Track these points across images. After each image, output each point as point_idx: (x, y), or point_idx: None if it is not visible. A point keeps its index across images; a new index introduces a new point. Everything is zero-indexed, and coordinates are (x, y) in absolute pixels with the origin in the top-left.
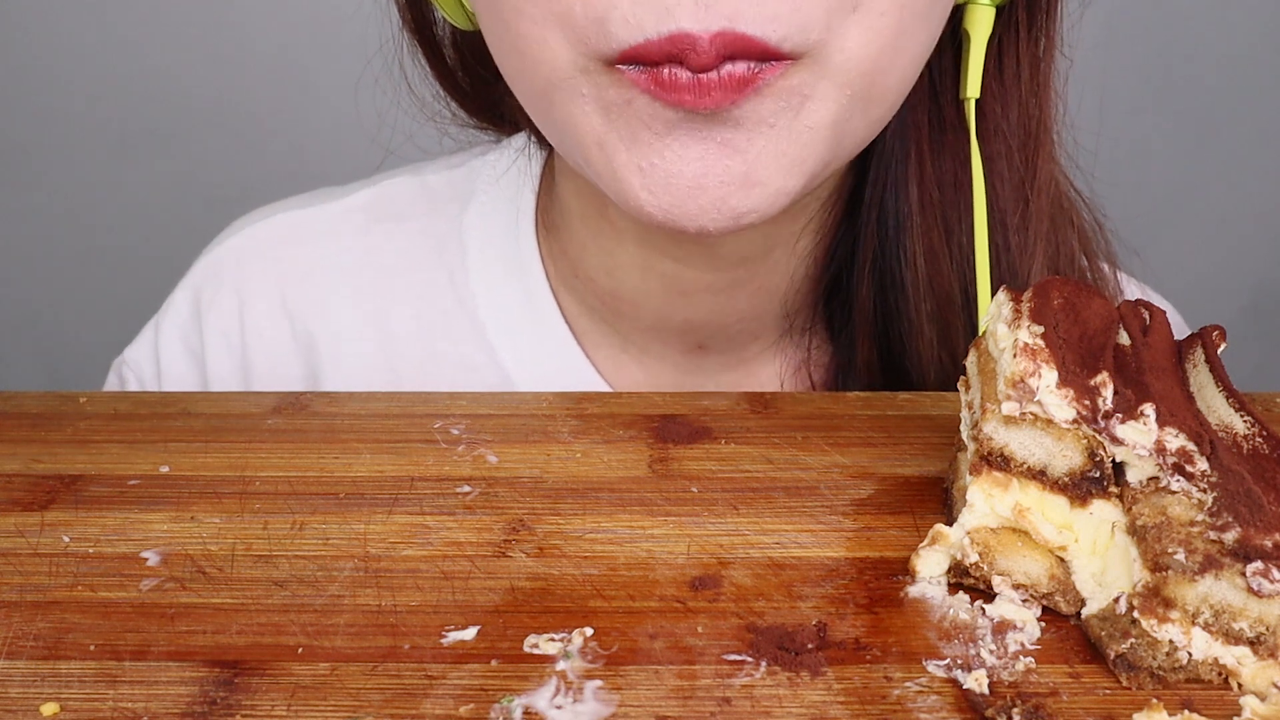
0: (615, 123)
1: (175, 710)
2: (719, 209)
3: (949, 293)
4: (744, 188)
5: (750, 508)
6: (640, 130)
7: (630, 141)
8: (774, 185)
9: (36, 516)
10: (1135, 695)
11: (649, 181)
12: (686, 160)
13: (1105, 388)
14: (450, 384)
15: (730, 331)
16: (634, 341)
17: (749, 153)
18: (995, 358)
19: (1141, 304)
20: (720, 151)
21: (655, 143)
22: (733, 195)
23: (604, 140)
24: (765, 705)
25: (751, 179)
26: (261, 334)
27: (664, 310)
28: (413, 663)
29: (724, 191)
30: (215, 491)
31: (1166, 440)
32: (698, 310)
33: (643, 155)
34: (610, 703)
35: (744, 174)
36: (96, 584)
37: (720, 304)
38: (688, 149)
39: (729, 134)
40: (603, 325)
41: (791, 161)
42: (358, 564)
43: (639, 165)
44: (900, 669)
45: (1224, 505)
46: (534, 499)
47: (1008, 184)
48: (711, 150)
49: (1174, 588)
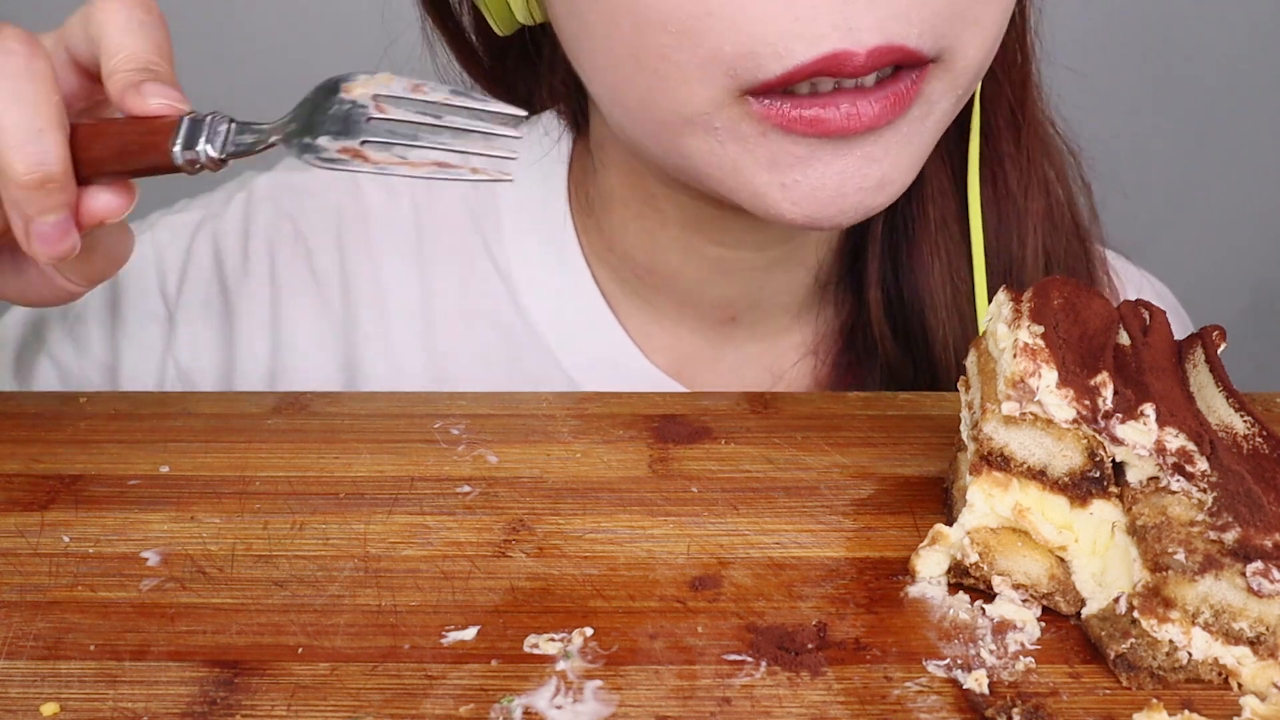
0: (753, 151)
1: (175, 710)
2: (856, 209)
3: (956, 236)
4: (879, 189)
5: (750, 508)
6: (780, 155)
7: (770, 166)
8: (900, 182)
9: (36, 516)
10: (1135, 695)
11: (792, 195)
12: (829, 176)
13: (1105, 388)
14: (482, 343)
15: (763, 306)
16: (666, 313)
17: (885, 161)
18: (995, 358)
19: (1141, 304)
20: (860, 163)
21: (797, 165)
22: (869, 197)
23: (739, 166)
24: (765, 705)
25: (886, 181)
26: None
27: (700, 287)
28: (413, 663)
29: (862, 196)
30: (215, 491)
31: (1166, 440)
32: (734, 286)
33: (784, 174)
34: (610, 703)
35: (880, 179)
36: (96, 584)
37: (757, 280)
38: (830, 166)
39: (870, 148)
40: (635, 298)
41: (915, 161)
42: (358, 564)
43: (781, 183)
44: (900, 669)
45: (1224, 505)
46: (534, 499)
47: (1001, 119)
48: (853, 164)
49: (1174, 588)
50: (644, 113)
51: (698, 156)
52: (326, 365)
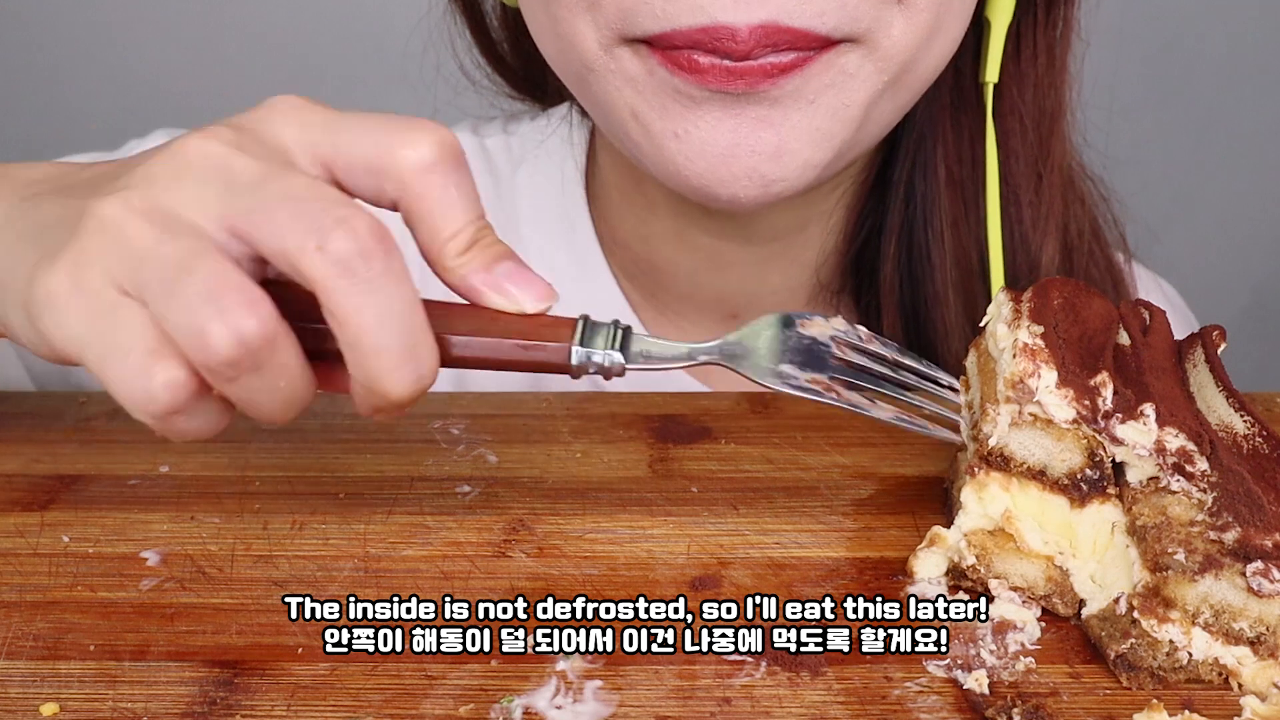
0: (643, 93)
1: (175, 710)
2: (750, 177)
3: (971, 264)
4: (775, 158)
5: (750, 508)
6: (669, 102)
7: (661, 111)
8: (803, 156)
9: (36, 516)
10: (1135, 695)
11: (684, 147)
12: (720, 131)
13: (1105, 388)
14: None
15: (764, 303)
16: (670, 307)
17: (783, 127)
18: (995, 358)
19: (1141, 304)
20: (754, 126)
21: (686, 113)
22: (763, 164)
23: (637, 110)
24: (765, 705)
25: (783, 149)
26: None
27: (698, 280)
28: (413, 663)
29: (755, 161)
30: (215, 491)
31: (1166, 440)
32: (731, 282)
33: (675, 123)
34: (610, 703)
35: (776, 145)
36: (96, 584)
37: (754, 276)
38: (721, 122)
39: (764, 111)
40: (640, 290)
41: (823, 135)
42: (358, 564)
43: (674, 131)
44: (900, 669)
45: (1224, 505)
46: (534, 499)
47: (1023, 161)
48: (745, 124)
49: (1174, 588)
50: (558, 61)
51: (607, 106)
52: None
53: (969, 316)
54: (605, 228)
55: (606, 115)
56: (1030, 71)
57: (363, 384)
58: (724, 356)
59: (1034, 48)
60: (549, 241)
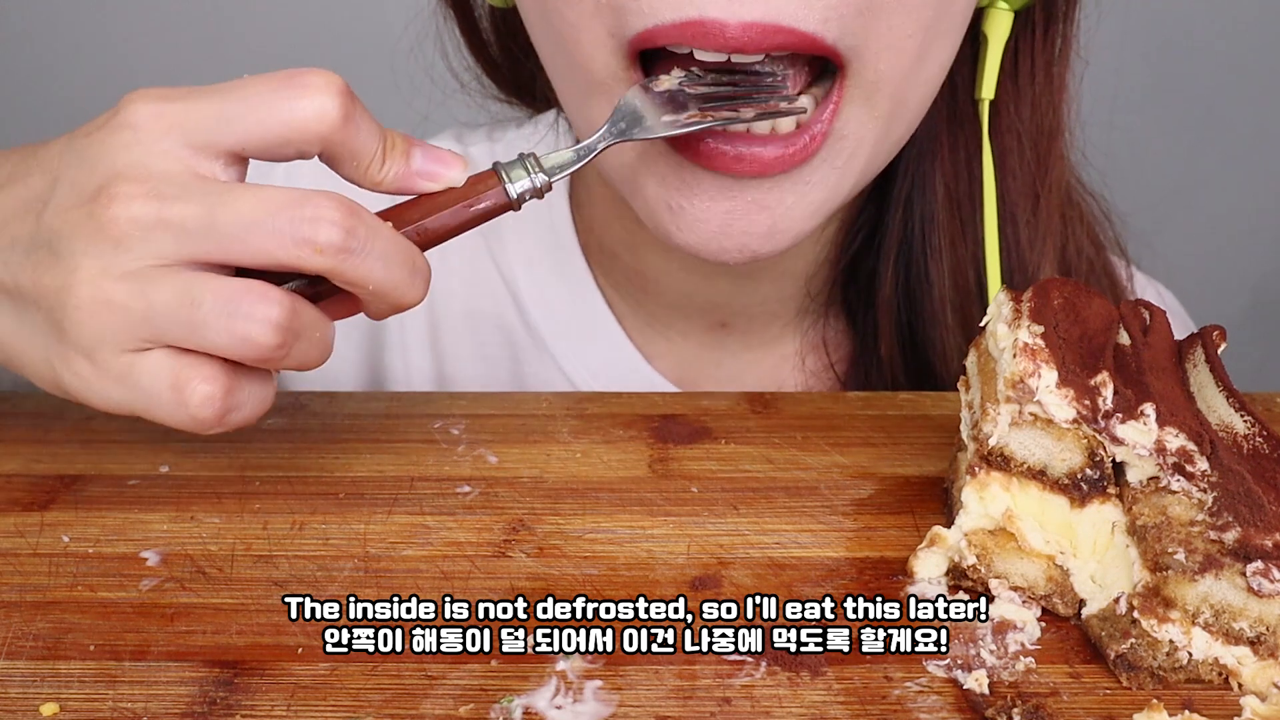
0: (643, 157)
1: (175, 710)
2: (740, 251)
3: (969, 284)
4: (768, 237)
5: (750, 508)
6: (667, 172)
7: (659, 180)
8: (795, 230)
9: (36, 516)
10: (1135, 695)
11: (678, 220)
12: (714, 212)
13: (1105, 387)
14: (485, 346)
15: (752, 312)
16: (658, 317)
17: (777, 210)
18: (995, 358)
19: (1141, 304)
20: (748, 209)
21: (683, 188)
22: (755, 242)
23: (634, 167)
24: (765, 705)
25: (776, 229)
26: None
27: (687, 290)
28: (413, 663)
29: (747, 240)
30: (215, 491)
31: (1166, 440)
32: (720, 292)
33: (671, 195)
34: (610, 703)
35: (769, 226)
36: (96, 584)
37: (744, 287)
38: (716, 203)
39: (760, 195)
40: (628, 300)
41: (818, 209)
42: (358, 564)
43: (668, 204)
44: (900, 669)
45: (1224, 505)
46: (534, 499)
47: (1019, 180)
48: (740, 207)
49: (1174, 588)
50: (567, 80)
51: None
52: (352, 355)
53: (966, 336)
54: (591, 237)
55: (605, 163)
56: (1028, 89)
57: (387, 308)
58: (618, 135)
59: (1032, 65)
60: (534, 251)
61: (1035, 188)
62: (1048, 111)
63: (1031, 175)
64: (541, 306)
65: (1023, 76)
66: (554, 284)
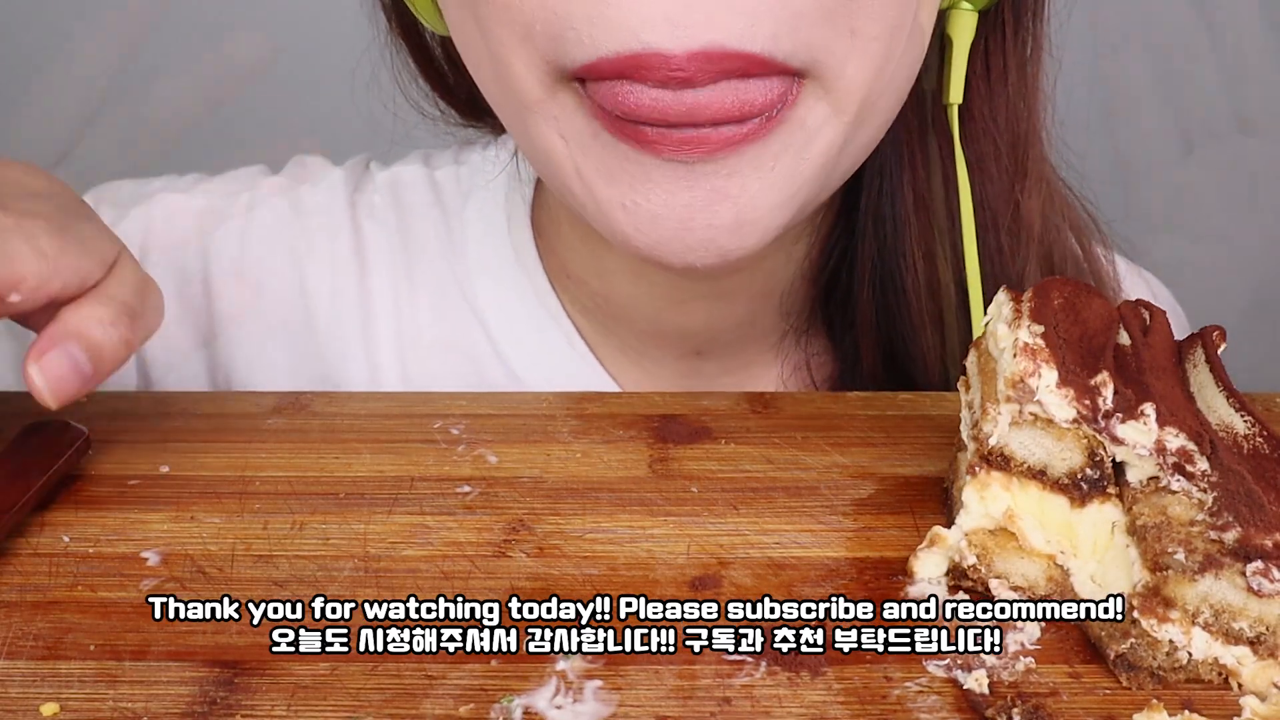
0: (588, 153)
1: (175, 710)
2: (706, 248)
3: (948, 294)
4: (734, 230)
5: (750, 508)
6: (615, 169)
7: (608, 177)
8: (764, 223)
9: (36, 516)
10: (1135, 695)
11: (633, 219)
12: (673, 206)
13: (1105, 387)
14: (455, 376)
15: (727, 337)
16: (630, 345)
17: (741, 199)
18: (995, 358)
19: (1142, 304)
20: (709, 198)
21: (635, 184)
22: (721, 236)
23: (581, 169)
24: (765, 705)
25: (742, 221)
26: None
27: (658, 316)
28: (413, 663)
29: (711, 234)
30: (215, 491)
31: (1167, 440)
32: (693, 317)
33: (624, 193)
34: (610, 703)
35: (734, 218)
36: (96, 584)
37: (716, 310)
38: (674, 195)
39: (720, 183)
40: (598, 329)
41: (784, 200)
42: (358, 564)
43: (622, 203)
44: (900, 669)
45: (1224, 505)
46: (534, 499)
47: (997, 185)
48: (700, 197)
49: (1174, 588)
50: (497, 100)
51: (548, 155)
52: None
53: (947, 348)
54: (556, 263)
55: (547, 165)
56: (1001, 92)
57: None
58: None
59: (1004, 66)
60: (499, 280)
61: (1014, 193)
62: (1022, 114)
63: (1010, 180)
64: (511, 338)
65: (994, 78)
66: (522, 315)
